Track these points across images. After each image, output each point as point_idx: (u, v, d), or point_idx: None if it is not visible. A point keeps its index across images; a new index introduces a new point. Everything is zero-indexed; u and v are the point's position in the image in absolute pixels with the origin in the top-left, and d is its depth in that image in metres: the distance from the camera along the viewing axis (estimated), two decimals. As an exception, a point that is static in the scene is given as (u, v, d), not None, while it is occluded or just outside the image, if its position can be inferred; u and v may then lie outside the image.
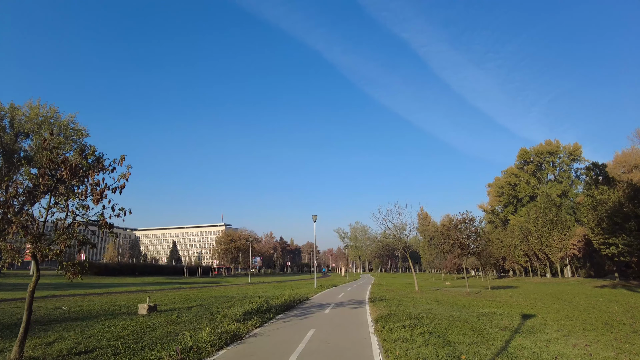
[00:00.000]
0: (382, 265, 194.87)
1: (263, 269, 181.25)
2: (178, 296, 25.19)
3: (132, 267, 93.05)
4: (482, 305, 18.93)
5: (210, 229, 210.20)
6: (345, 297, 24.88)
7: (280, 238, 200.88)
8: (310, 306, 18.12)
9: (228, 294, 26.73)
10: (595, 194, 42.15)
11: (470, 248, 28.71)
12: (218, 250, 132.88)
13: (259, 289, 33.09)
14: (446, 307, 17.70)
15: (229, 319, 12.92)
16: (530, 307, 18.57)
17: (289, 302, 18.24)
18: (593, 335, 10.70)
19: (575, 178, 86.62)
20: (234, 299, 22.43)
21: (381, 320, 12.44)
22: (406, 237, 32.83)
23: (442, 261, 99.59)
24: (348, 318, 13.84)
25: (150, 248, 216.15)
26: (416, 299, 22.23)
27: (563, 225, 54.88)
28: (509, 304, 19.92)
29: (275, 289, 33.13)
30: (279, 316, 14.41)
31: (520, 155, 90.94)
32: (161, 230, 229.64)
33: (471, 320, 13.13)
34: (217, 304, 19.09)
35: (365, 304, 18.89)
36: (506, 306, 18.71)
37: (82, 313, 15.87)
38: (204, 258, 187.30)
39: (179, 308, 17.74)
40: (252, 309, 15.12)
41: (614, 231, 37.11)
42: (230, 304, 18.88)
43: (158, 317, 14.55)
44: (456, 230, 29.45)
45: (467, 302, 20.71)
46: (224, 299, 22.67)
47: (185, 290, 33.94)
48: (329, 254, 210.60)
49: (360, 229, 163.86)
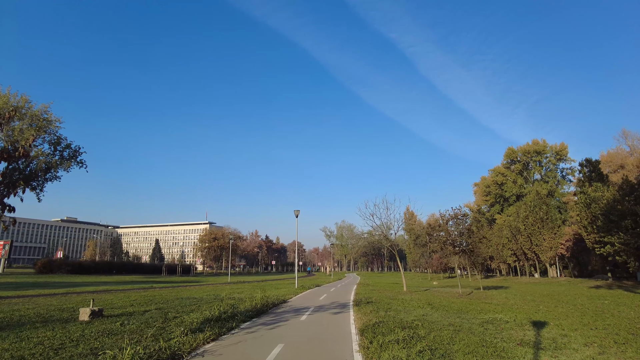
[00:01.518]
0: (368, 264, 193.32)
1: (247, 267, 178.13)
2: (141, 297, 22.46)
3: (109, 265, 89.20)
4: (481, 309, 16.78)
5: (194, 226, 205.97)
6: (327, 299, 22.46)
7: (265, 237, 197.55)
8: (286, 311, 15.65)
9: (199, 295, 24.10)
10: (589, 191, 40.61)
11: (463, 246, 26.64)
12: (201, 249, 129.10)
13: (235, 290, 30.51)
14: (442, 311, 15.46)
15: (182, 328, 10.45)
16: (534, 312, 16.48)
17: (261, 306, 15.71)
18: (632, 352, 8.53)
19: (562, 178, 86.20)
20: (202, 301, 19.85)
21: (368, 332, 10.07)
22: (394, 234, 30.60)
23: (429, 260, 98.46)
24: (328, 327, 11.45)
25: (132, 246, 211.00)
26: (406, 301, 19.98)
27: (553, 223, 53.51)
28: (509, 308, 17.82)
29: (252, 290, 30.58)
30: (244, 324, 11.92)
31: (507, 155, 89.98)
32: (144, 228, 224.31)
33: (476, 330, 10.88)
34: (179, 308, 16.52)
35: (350, 308, 16.50)
36: (507, 310, 16.59)
37: (9, 320, 13.12)
38: (188, 256, 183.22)
39: (132, 312, 15.11)
40: (214, 315, 12.61)
41: (609, 229, 35.51)
42: (194, 308, 16.35)
43: (99, 324, 11.95)
44: (447, 227, 27.38)
45: (463, 305, 18.54)
46: (192, 301, 20.07)
47: (156, 290, 31.12)
48: (315, 252, 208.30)
49: (346, 227, 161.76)
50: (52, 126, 46.78)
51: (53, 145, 42.26)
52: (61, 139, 42.33)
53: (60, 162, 43.17)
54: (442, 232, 27.60)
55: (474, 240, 27.08)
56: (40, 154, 41.99)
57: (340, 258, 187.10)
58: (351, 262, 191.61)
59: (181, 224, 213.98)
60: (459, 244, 26.47)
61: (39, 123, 46.22)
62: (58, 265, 70.03)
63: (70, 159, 43.74)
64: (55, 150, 42.65)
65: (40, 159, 42.24)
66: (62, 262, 73.84)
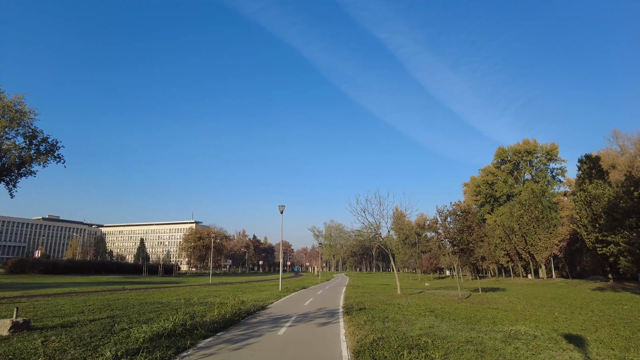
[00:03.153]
0: (357, 264, 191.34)
1: (233, 268, 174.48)
2: (101, 302, 19.54)
3: (87, 264, 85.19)
4: (492, 317, 14.34)
5: (180, 226, 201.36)
6: (313, 304, 19.76)
7: (253, 236, 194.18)
8: (262, 321, 12.93)
9: (167, 299, 21.26)
10: (589, 189, 38.74)
11: (463, 244, 24.26)
12: (185, 248, 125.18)
13: (212, 293, 27.68)
14: (448, 321, 12.95)
15: (117, 347, 7.78)
16: (551, 320, 14.12)
17: (232, 314, 12.96)
18: None
19: (552, 178, 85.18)
20: (168, 306, 17.05)
21: (365, 355, 7.49)
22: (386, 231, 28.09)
23: (418, 260, 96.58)
24: (311, 347, 8.81)
25: (116, 245, 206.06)
26: (403, 307, 17.46)
27: (549, 223, 51.72)
28: (521, 315, 15.46)
29: (231, 293, 27.83)
30: (203, 342, 9.21)
31: (497, 154, 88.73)
32: (129, 227, 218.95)
33: (504, 349, 8.36)
34: (135, 316, 13.74)
35: (339, 317, 13.85)
36: (523, 318, 14.19)
37: None
38: (173, 256, 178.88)
39: (73, 322, 12.27)
40: (167, 329, 9.90)
41: (613, 228, 33.61)
42: (154, 316, 13.59)
43: (15, 342, 9.16)
44: (446, 224, 25.01)
45: (469, 311, 16.11)
46: (155, 306, 17.25)
47: (125, 292, 28.09)
48: (303, 252, 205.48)
49: (335, 227, 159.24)
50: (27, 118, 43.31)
51: (28, 139, 39.08)
52: (37, 132, 39.18)
53: (35, 156, 40.00)
54: (440, 229, 25.20)
55: (474, 239, 24.76)
56: (13, 147, 38.69)
57: (328, 258, 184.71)
58: (340, 262, 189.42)
59: (167, 223, 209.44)
60: (459, 242, 24.11)
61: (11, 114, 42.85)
62: (31, 265, 66.03)
63: (47, 153, 40.59)
64: (30, 144, 39.46)
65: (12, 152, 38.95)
66: (36, 262, 69.72)
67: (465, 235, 23.80)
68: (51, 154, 40.14)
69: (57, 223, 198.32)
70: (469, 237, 23.92)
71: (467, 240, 24.05)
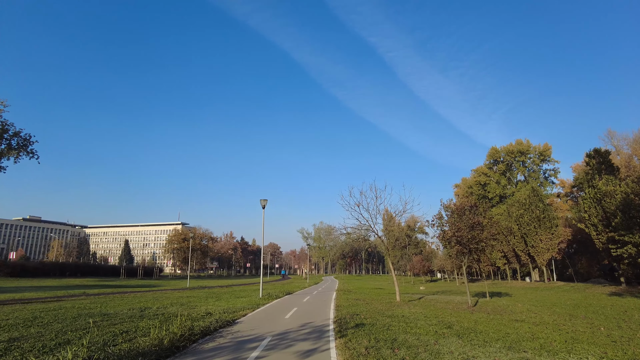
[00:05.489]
0: (346, 267, 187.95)
1: (220, 270, 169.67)
2: (28, 313, 15.51)
3: (60, 267, 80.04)
4: (531, 335, 10.79)
5: (166, 227, 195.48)
6: (297, 316, 15.89)
7: (241, 238, 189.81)
8: (221, 347, 9.11)
9: (120, 309, 17.29)
10: (599, 185, 35.74)
11: (473, 243, 20.81)
12: (169, 250, 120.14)
13: (181, 300, 23.74)
14: (481, 345, 9.31)
15: None
16: (608, 341, 10.67)
17: (177, 338, 9.09)
18: None
19: (544, 179, 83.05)
20: (111, 319, 13.13)
21: None
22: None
23: (409, 263, 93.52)
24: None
25: (101, 247, 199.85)
26: (410, 320, 13.83)
27: (551, 223, 48.72)
28: (560, 330, 11.97)
29: (205, 299, 23.97)
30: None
31: (490, 154, 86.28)
32: (114, 228, 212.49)
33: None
34: (46, 338, 9.87)
35: (329, 340, 10.03)
36: (574, 340, 10.70)
37: None
38: (159, 258, 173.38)
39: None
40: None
41: (630, 227, 30.53)
42: (74, 336, 9.77)
43: None
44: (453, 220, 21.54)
45: (495, 326, 12.53)
46: (95, 319, 13.31)
47: (80, 299, 23.94)
48: (292, 255, 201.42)
49: (324, 229, 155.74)
50: (-5, 108, 39.34)
51: (-4, 132, 35.20)
52: (7, 125, 35.53)
53: (6, 151, 36.10)
54: (446, 225, 21.69)
55: (486, 237, 21.34)
56: (-22, 141, 34.79)
57: (317, 260, 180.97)
58: (329, 265, 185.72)
59: (153, 224, 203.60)
60: (468, 241, 20.63)
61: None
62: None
63: (20, 148, 36.63)
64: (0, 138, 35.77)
65: (-23, 146, 35.04)
66: (2, 264, 65.02)
67: (477, 232, 20.34)
68: (24, 149, 36.42)
69: (38, 224, 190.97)
70: (481, 235, 20.47)
71: (479, 238, 20.62)
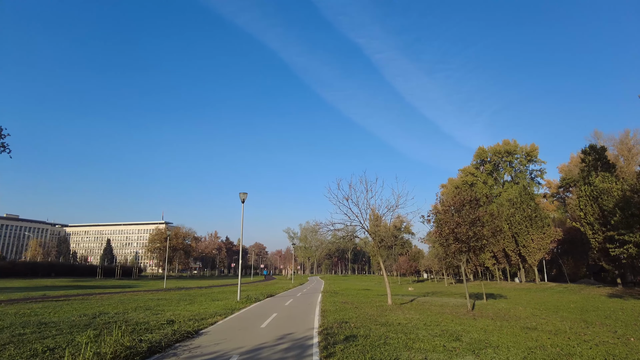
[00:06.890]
0: (332, 267, 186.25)
1: (204, 270, 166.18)
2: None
3: (32, 266, 76.61)
4: (559, 349, 8.89)
5: (149, 226, 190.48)
6: (275, 325, 13.54)
7: (226, 238, 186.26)
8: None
9: (67, 317, 14.90)
10: (596, 182, 34.44)
11: (473, 240, 18.97)
12: (151, 249, 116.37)
13: (149, 303, 21.34)
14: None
15: None
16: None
17: None
18: None
19: (531, 179, 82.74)
20: (48, 329, 10.80)
21: None
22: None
23: (395, 263, 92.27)
24: None
25: (82, 246, 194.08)
26: (409, 330, 11.83)
27: (543, 222, 47.57)
28: (582, 341, 10.13)
29: (176, 303, 21.65)
30: None
31: (477, 154, 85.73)
32: (95, 227, 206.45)
33: None
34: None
35: (313, 358, 8.05)
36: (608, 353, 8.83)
37: None
38: (142, 258, 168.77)
39: None
40: None
41: (630, 225, 29.19)
42: None
43: None
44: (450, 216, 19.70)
45: (509, 337, 10.59)
46: (27, 331, 10.95)
47: (33, 304, 21.36)
48: (278, 255, 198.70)
49: (310, 229, 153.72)
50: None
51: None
52: None
53: None
54: (442, 221, 19.79)
55: (487, 233, 19.53)
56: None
57: (303, 261, 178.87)
58: (315, 265, 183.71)
59: (135, 223, 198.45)
60: (469, 239, 18.77)
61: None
62: None
63: None
64: None
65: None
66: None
67: (477, 228, 18.50)
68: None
69: (16, 222, 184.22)
70: (482, 231, 18.65)
71: (480, 235, 18.80)
